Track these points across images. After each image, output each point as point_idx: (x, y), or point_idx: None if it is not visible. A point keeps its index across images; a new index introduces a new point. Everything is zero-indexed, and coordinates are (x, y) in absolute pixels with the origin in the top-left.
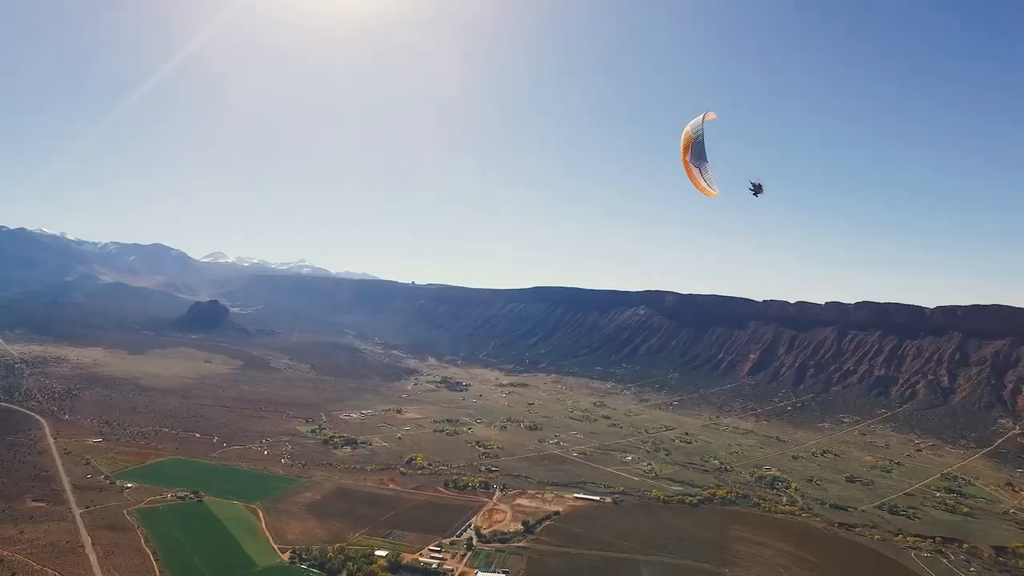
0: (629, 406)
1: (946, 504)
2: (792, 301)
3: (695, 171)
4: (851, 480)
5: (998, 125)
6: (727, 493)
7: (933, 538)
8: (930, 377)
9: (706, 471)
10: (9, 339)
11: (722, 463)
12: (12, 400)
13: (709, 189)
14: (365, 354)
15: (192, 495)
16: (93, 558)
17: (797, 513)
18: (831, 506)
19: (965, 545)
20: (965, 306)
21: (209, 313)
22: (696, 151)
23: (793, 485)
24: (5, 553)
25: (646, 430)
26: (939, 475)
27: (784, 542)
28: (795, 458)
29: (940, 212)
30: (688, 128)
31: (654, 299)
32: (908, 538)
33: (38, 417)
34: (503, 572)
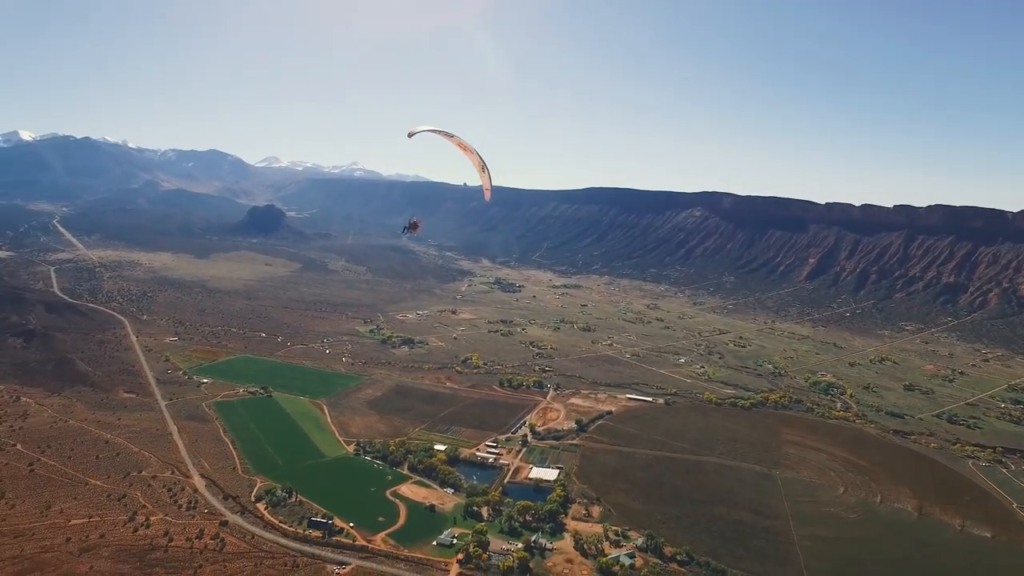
0: (683, 309)
1: (1011, 415)
2: (857, 204)
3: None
4: (909, 388)
5: None
6: (780, 398)
7: (993, 448)
8: (1005, 285)
9: (759, 375)
10: (88, 244)
11: (776, 368)
12: (96, 301)
13: (417, 128)
14: (419, 256)
15: (262, 390)
16: (181, 444)
17: (851, 419)
18: (887, 413)
19: None
20: None
21: (267, 217)
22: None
23: (848, 391)
24: (109, 436)
25: (699, 333)
26: (1006, 386)
27: (836, 447)
28: (852, 365)
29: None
30: (458, 136)
31: (710, 200)
32: (966, 447)
33: (120, 317)
34: (557, 468)
